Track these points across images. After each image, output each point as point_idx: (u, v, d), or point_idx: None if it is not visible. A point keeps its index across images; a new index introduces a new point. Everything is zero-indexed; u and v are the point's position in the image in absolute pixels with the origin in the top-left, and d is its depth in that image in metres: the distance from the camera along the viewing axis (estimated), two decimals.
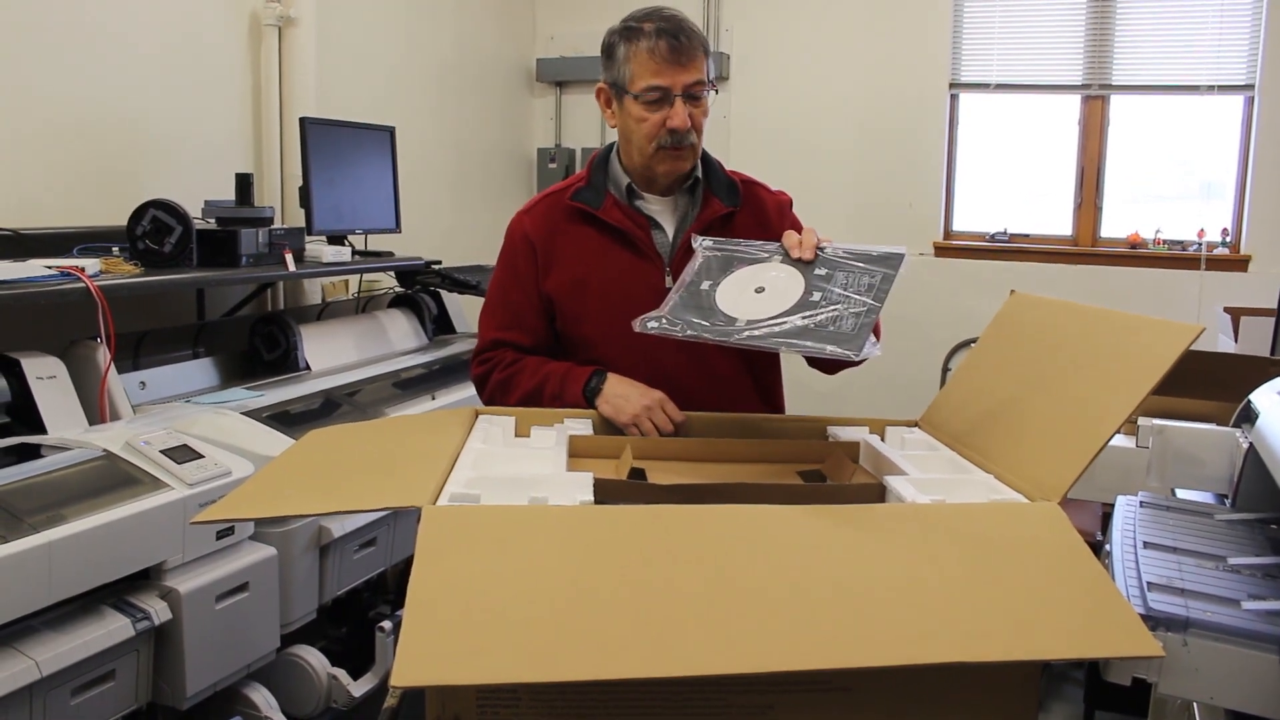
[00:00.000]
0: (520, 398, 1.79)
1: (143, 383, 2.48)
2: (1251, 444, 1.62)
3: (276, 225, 2.85)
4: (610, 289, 1.80)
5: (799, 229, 1.76)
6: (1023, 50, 4.42)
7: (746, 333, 1.45)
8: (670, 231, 1.83)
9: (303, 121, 3.02)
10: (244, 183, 2.74)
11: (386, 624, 2.32)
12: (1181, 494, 1.85)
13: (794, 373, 1.96)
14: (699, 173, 1.83)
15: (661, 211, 1.84)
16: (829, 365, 1.75)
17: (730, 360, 1.80)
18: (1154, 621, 1.11)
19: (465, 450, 1.41)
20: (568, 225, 1.83)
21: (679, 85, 1.71)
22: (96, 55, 2.76)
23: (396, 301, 3.45)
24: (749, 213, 1.85)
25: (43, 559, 1.62)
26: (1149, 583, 1.21)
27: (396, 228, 3.41)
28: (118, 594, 1.80)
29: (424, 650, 0.86)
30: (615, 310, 1.74)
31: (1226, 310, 3.46)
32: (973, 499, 1.26)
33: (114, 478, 1.86)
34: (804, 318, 1.45)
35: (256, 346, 2.85)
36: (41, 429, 2.03)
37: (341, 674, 2.21)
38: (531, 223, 1.85)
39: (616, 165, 1.84)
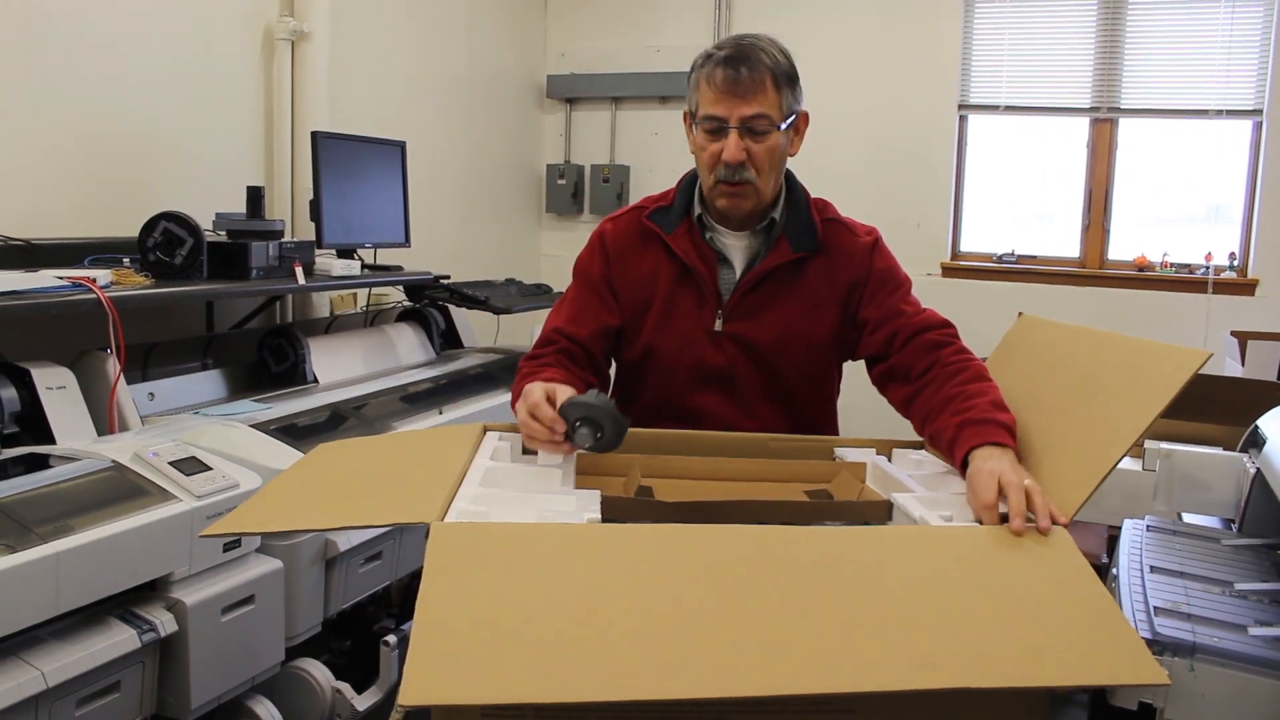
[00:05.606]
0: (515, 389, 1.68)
1: (151, 394, 2.49)
2: (1259, 469, 1.61)
3: (287, 238, 2.87)
4: (665, 321, 1.75)
5: (892, 269, 1.74)
6: (1032, 72, 4.44)
7: None
8: (738, 271, 1.74)
9: (314, 135, 3.03)
10: (255, 196, 2.75)
11: (391, 638, 2.31)
12: (1188, 518, 1.85)
13: None
14: (776, 213, 1.74)
15: (734, 248, 1.75)
16: None
17: (770, 406, 1.76)
18: (1160, 646, 1.11)
19: (473, 466, 1.41)
20: (641, 244, 1.78)
21: (735, 117, 1.62)
22: (110, 68, 2.78)
23: (405, 315, 3.46)
24: (825, 259, 1.74)
25: (50, 569, 1.62)
26: (1155, 607, 1.21)
27: (406, 242, 3.42)
28: (124, 605, 1.80)
29: (432, 669, 0.87)
30: (663, 343, 1.74)
31: (1233, 334, 3.46)
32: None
33: (122, 489, 1.86)
34: None
35: (265, 359, 2.86)
36: (50, 439, 2.04)
37: (345, 688, 2.21)
38: (612, 233, 1.81)
39: (699, 192, 1.76)
